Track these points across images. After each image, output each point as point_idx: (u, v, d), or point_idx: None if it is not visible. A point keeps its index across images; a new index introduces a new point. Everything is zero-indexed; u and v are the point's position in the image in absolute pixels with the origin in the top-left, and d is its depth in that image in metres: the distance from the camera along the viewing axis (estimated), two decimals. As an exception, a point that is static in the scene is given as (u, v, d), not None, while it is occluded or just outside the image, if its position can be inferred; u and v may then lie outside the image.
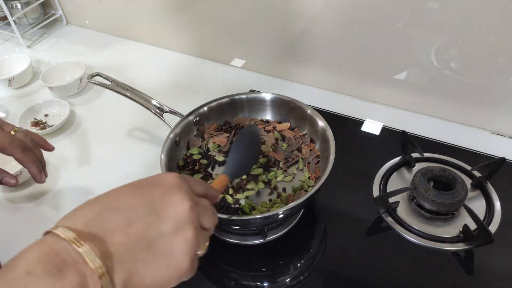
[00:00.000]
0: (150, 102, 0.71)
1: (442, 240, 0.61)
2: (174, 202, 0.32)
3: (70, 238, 0.27)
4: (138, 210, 0.30)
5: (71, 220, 0.29)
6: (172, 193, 0.32)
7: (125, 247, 0.29)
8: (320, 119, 0.65)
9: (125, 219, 0.30)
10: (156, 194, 0.32)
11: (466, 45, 0.71)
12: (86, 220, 0.29)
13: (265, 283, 0.60)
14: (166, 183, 0.33)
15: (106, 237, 0.28)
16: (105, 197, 0.32)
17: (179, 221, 0.31)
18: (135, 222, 0.30)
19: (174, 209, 0.32)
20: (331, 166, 0.57)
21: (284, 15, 0.84)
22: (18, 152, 0.58)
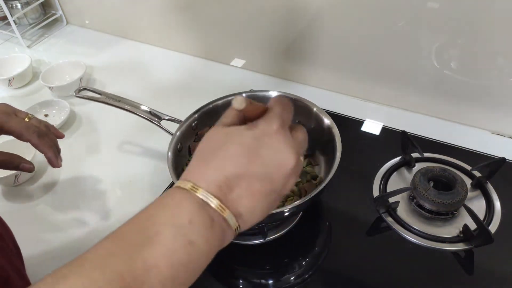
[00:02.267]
0: (143, 110, 0.71)
1: (442, 240, 0.61)
2: (283, 164, 0.35)
3: (217, 206, 0.33)
4: (256, 176, 0.34)
5: (206, 183, 0.33)
6: (281, 154, 0.35)
7: (249, 207, 0.34)
8: (326, 117, 0.65)
9: (247, 185, 0.34)
10: (268, 157, 0.35)
11: (466, 45, 0.71)
12: (219, 185, 0.33)
13: (266, 282, 0.60)
14: (274, 142, 0.35)
15: (237, 201, 0.34)
16: (226, 160, 0.34)
17: (288, 178, 0.36)
18: (254, 187, 0.34)
19: (283, 170, 0.35)
20: (337, 163, 0.57)
21: (284, 16, 0.84)
22: (34, 137, 0.59)
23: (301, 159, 0.37)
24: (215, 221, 0.33)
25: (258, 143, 0.35)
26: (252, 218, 0.35)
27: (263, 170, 0.34)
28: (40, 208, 0.72)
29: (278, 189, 0.36)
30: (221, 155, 0.34)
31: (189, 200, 0.33)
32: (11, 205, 0.73)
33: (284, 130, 0.36)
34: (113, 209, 0.71)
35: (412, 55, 0.77)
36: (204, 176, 0.34)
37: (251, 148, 0.34)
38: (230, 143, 0.35)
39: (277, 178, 0.35)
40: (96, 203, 0.72)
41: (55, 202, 0.73)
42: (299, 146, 0.37)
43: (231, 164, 0.34)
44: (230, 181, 0.34)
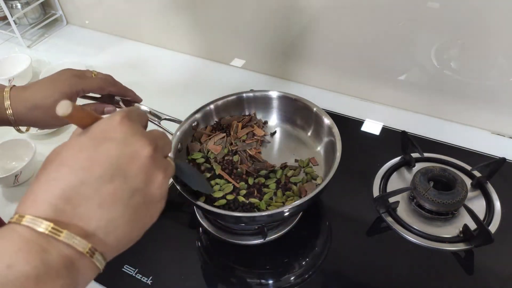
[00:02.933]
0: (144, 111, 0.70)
1: (442, 240, 0.61)
2: (135, 154, 0.30)
3: (48, 229, 0.26)
4: (103, 178, 0.29)
5: (35, 206, 0.27)
6: (128, 144, 0.30)
7: (104, 219, 0.28)
8: (326, 117, 0.65)
9: (94, 193, 0.28)
10: (113, 152, 0.29)
11: (466, 45, 0.71)
12: (53, 203, 0.27)
13: (266, 282, 0.60)
14: (118, 134, 0.30)
15: (82, 216, 0.28)
16: (59, 170, 0.29)
17: (147, 171, 0.30)
18: (104, 191, 0.29)
19: (137, 161, 0.30)
20: (338, 162, 0.57)
21: (284, 16, 0.84)
22: (112, 87, 0.62)
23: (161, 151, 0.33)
24: (50, 253, 0.26)
25: (96, 141, 0.30)
26: (115, 232, 0.29)
27: (109, 168, 0.29)
28: (40, 208, 0.72)
29: (140, 187, 0.30)
30: (54, 167, 0.29)
31: (9, 236, 0.26)
32: (11, 205, 0.73)
33: (130, 121, 0.31)
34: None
35: (412, 55, 0.77)
36: (34, 199, 0.28)
37: (88, 148, 0.29)
38: (63, 151, 0.30)
39: (132, 172, 0.30)
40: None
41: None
42: (154, 137, 0.33)
43: (65, 172, 0.28)
44: (68, 193, 0.27)
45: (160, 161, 0.32)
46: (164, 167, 0.32)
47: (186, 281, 0.60)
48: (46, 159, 0.31)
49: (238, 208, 0.59)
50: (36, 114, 0.56)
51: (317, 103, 0.68)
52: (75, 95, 0.59)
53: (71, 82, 0.58)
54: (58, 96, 0.57)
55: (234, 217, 0.55)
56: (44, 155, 0.80)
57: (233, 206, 0.59)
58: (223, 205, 0.59)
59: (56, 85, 0.58)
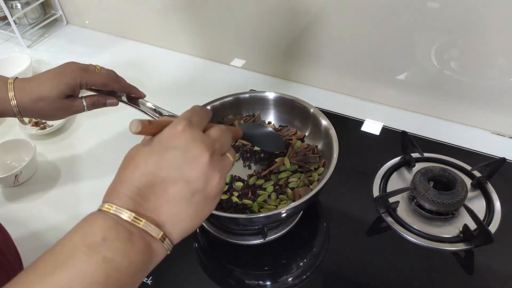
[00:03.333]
0: (146, 106, 0.71)
1: (442, 240, 0.61)
2: (194, 160, 0.34)
3: (131, 218, 0.32)
4: (168, 181, 0.34)
5: (118, 199, 0.33)
6: (189, 150, 0.34)
7: (171, 213, 0.34)
8: (323, 118, 0.65)
9: (162, 192, 0.34)
10: (177, 158, 0.34)
11: (466, 45, 0.71)
12: (132, 197, 0.33)
13: (266, 282, 0.60)
14: (181, 142, 0.35)
15: (155, 209, 0.34)
16: (134, 171, 0.34)
17: (205, 174, 0.35)
18: (170, 192, 0.34)
19: (197, 167, 0.34)
20: (334, 165, 0.57)
21: (284, 16, 0.84)
22: (115, 83, 0.63)
23: (218, 154, 0.37)
24: (134, 235, 0.32)
25: (163, 147, 0.34)
26: (180, 224, 0.35)
27: (174, 173, 0.34)
28: (40, 208, 0.72)
29: (200, 188, 0.35)
30: (130, 168, 0.35)
31: (102, 218, 0.32)
32: (11, 205, 0.73)
33: (191, 129, 0.35)
34: (113, 209, 0.70)
35: (412, 55, 0.77)
36: (117, 193, 0.34)
37: (156, 153, 0.34)
38: (137, 156, 0.35)
39: (193, 176, 0.34)
40: (96, 203, 0.72)
41: (55, 202, 0.73)
42: (212, 140, 0.36)
43: (138, 174, 0.34)
44: (142, 191, 0.33)
45: (217, 164, 0.36)
46: (221, 168, 0.36)
47: (186, 281, 0.60)
48: (124, 159, 0.36)
49: (231, 208, 0.59)
50: (41, 105, 0.57)
51: (317, 103, 0.68)
52: (78, 87, 0.60)
53: (76, 74, 0.59)
54: (63, 87, 0.58)
55: (231, 219, 0.55)
56: (44, 155, 0.80)
57: (225, 206, 0.59)
58: None
59: (61, 77, 0.59)
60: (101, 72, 0.62)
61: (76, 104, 0.61)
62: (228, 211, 0.58)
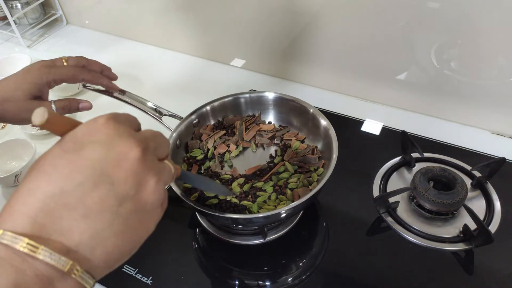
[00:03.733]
0: (147, 106, 0.71)
1: (442, 240, 0.61)
2: (121, 156, 0.27)
3: (23, 245, 0.23)
4: (86, 186, 0.25)
5: (11, 220, 0.24)
6: (114, 145, 0.27)
7: (89, 231, 0.25)
8: (322, 118, 0.65)
9: (76, 202, 0.25)
10: (97, 155, 0.26)
11: (466, 45, 0.71)
12: (31, 216, 0.24)
13: (266, 282, 0.60)
14: (102, 135, 0.27)
15: (63, 229, 0.24)
16: (38, 179, 0.26)
17: (136, 175, 0.27)
18: (88, 201, 0.25)
19: (125, 164, 0.27)
20: (334, 165, 0.57)
21: (284, 16, 0.84)
22: (86, 74, 0.60)
23: (150, 152, 0.29)
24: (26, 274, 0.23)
25: (77, 145, 0.27)
26: (104, 245, 0.26)
27: (92, 174, 0.25)
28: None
29: (129, 194, 0.27)
30: (31, 178, 0.26)
31: None
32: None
33: (115, 122, 0.28)
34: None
35: (412, 55, 0.77)
36: (10, 211, 0.25)
37: (68, 153, 0.26)
38: (42, 159, 0.27)
39: (119, 177, 0.26)
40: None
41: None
42: (144, 137, 0.29)
43: (43, 183, 0.25)
44: (47, 205, 0.24)
45: (151, 164, 0.28)
46: (157, 170, 0.29)
47: (186, 281, 0.60)
48: (26, 174, 0.27)
49: (229, 209, 0.59)
50: (6, 107, 0.55)
51: (317, 103, 0.68)
52: (45, 86, 0.58)
53: (41, 72, 0.57)
54: (28, 87, 0.55)
55: (230, 219, 0.55)
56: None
57: (224, 206, 0.59)
58: (214, 205, 0.59)
59: (26, 76, 0.57)
60: (69, 65, 0.60)
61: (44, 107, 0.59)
62: (227, 212, 0.58)
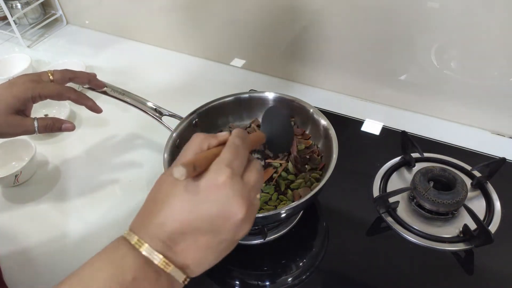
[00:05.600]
0: (147, 106, 0.71)
1: (442, 240, 0.61)
2: (230, 215, 0.34)
3: (160, 262, 0.33)
4: (200, 230, 0.34)
5: (148, 235, 0.34)
6: (226, 206, 0.34)
7: (197, 258, 0.35)
8: (322, 118, 0.65)
9: (192, 240, 0.34)
10: (213, 212, 0.34)
11: (466, 45, 0.71)
12: (163, 241, 0.34)
13: (266, 282, 0.60)
14: (218, 196, 0.34)
15: (182, 254, 0.35)
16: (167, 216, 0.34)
17: (238, 228, 0.35)
18: (199, 241, 0.35)
19: (231, 222, 0.34)
20: (334, 165, 0.57)
21: (284, 16, 0.84)
22: (72, 93, 0.61)
23: (253, 204, 0.36)
24: (161, 277, 0.33)
25: (200, 197, 0.34)
26: (203, 267, 0.36)
27: (208, 225, 0.34)
28: (40, 208, 0.72)
29: (228, 238, 0.35)
30: (165, 210, 0.34)
31: (133, 255, 0.33)
32: (11, 205, 0.73)
33: (232, 180, 0.34)
34: (112, 209, 0.70)
35: (412, 55, 0.77)
36: (148, 231, 0.34)
37: (193, 202, 0.34)
38: (173, 197, 0.34)
39: (225, 230, 0.34)
40: (95, 204, 0.72)
41: (55, 202, 0.73)
42: (249, 191, 0.36)
43: (174, 220, 0.34)
44: (173, 236, 0.34)
45: (251, 215, 0.36)
46: (252, 217, 0.36)
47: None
48: (156, 191, 0.36)
49: None
50: None
51: (317, 103, 0.68)
52: (30, 101, 0.57)
53: (27, 86, 0.56)
54: (11, 100, 0.55)
55: None
56: (44, 155, 0.79)
57: None
58: None
59: (11, 89, 0.56)
60: (54, 79, 0.60)
61: (26, 123, 0.58)
62: None
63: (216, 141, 0.38)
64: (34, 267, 0.63)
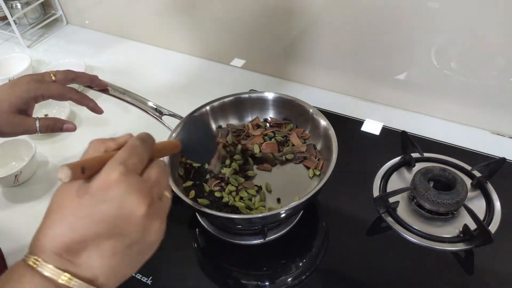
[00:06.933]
0: (148, 105, 0.71)
1: (442, 240, 0.61)
2: (130, 213, 0.32)
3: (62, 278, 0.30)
4: (101, 235, 0.32)
5: (45, 254, 0.31)
6: (124, 204, 0.32)
7: (105, 267, 0.32)
8: (322, 118, 0.65)
9: (94, 247, 0.32)
10: (110, 213, 0.31)
11: (466, 45, 0.71)
12: (60, 254, 0.31)
13: (266, 282, 0.60)
14: (113, 194, 0.32)
15: (87, 264, 0.32)
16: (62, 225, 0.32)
17: (143, 226, 0.33)
18: (103, 246, 0.32)
19: (133, 220, 0.32)
20: (333, 165, 0.57)
21: (284, 16, 0.84)
22: (74, 94, 0.61)
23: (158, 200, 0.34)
24: None
25: (94, 200, 0.31)
26: (116, 277, 0.33)
27: (107, 228, 0.31)
28: (40, 208, 0.72)
29: (136, 240, 0.33)
30: (57, 221, 0.32)
31: (31, 275, 0.30)
32: (11, 205, 0.73)
33: (126, 176, 0.32)
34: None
35: (412, 55, 0.77)
36: (43, 247, 0.31)
37: (87, 207, 0.31)
38: (64, 204, 0.32)
39: (128, 230, 0.32)
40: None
41: (55, 202, 0.73)
42: (150, 186, 0.34)
43: (68, 229, 0.31)
44: (72, 247, 0.31)
45: (156, 211, 0.34)
46: (160, 213, 0.34)
47: (186, 281, 0.60)
48: (51, 205, 0.33)
49: (220, 207, 0.60)
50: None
51: (317, 103, 0.68)
52: (32, 100, 0.58)
53: (29, 87, 0.57)
54: (14, 100, 0.56)
55: (229, 219, 0.55)
56: (44, 155, 0.79)
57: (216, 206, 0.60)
58: (207, 205, 0.60)
59: (14, 89, 0.56)
60: (57, 79, 0.60)
61: (28, 123, 0.58)
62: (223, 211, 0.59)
63: (114, 144, 0.37)
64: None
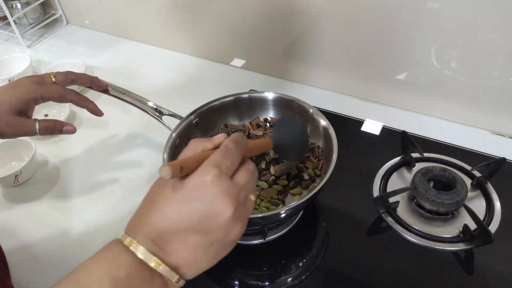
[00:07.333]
0: (148, 105, 0.71)
1: (442, 240, 0.61)
2: (218, 214, 0.34)
3: (152, 261, 0.34)
4: (189, 230, 0.34)
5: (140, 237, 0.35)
6: (214, 205, 0.34)
7: (188, 258, 0.35)
8: (322, 118, 0.65)
9: (182, 239, 0.35)
10: (200, 211, 0.34)
11: (466, 45, 0.71)
12: (153, 240, 0.35)
13: (266, 282, 0.60)
14: (205, 195, 0.34)
15: (173, 254, 0.35)
16: (156, 215, 0.35)
17: (226, 227, 0.35)
18: (189, 240, 0.35)
19: (219, 220, 0.34)
20: (333, 165, 0.57)
21: (284, 16, 0.84)
22: (74, 96, 0.61)
23: (244, 204, 0.36)
24: (154, 275, 0.34)
25: (187, 197, 0.34)
26: (197, 267, 0.36)
27: (195, 224, 0.34)
28: (40, 208, 0.72)
29: (219, 239, 0.35)
30: (154, 209, 0.35)
31: (126, 254, 0.34)
32: (11, 205, 0.73)
33: (219, 179, 0.34)
34: (112, 209, 0.70)
35: (412, 55, 0.77)
36: (139, 231, 0.35)
37: (180, 202, 0.34)
38: (161, 196, 0.36)
39: (214, 229, 0.34)
40: (95, 203, 0.72)
41: (55, 202, 0.73)
42: (238, 190, 0.36)
43: (162, 218, 0.35)
44: (163, 235, 0.34)
45: (240, 214, 0.36)
46: (243, 217, 0.36)
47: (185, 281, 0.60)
48: (148, 195, 0.37)
49: None
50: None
51: (317, 103, 0.68)
52: (32, 102, 0.58)
53: (29, 88, 0.57)
54: (15, 101, 0.56)
55: None
56: (44, 155, 0.79)
57: None
58: None
59: (14, 90, 0.57)
60: (57, 80, 0.60)
61: (28, 124, 0.58)
62: None
63: (211, 144, 0.38)
64: (33, 268, 0.63)
